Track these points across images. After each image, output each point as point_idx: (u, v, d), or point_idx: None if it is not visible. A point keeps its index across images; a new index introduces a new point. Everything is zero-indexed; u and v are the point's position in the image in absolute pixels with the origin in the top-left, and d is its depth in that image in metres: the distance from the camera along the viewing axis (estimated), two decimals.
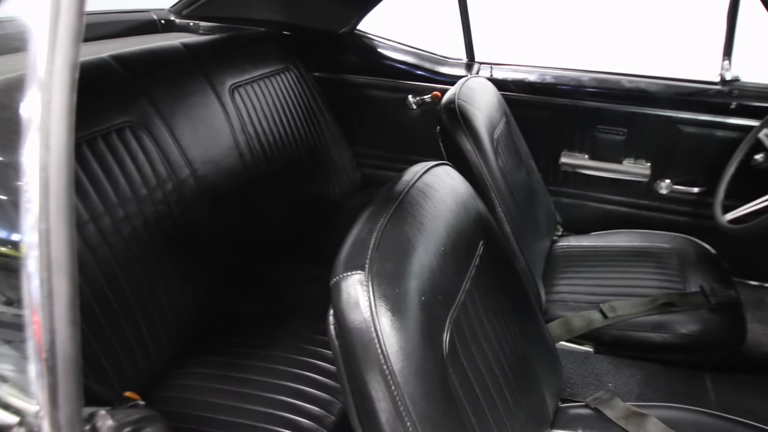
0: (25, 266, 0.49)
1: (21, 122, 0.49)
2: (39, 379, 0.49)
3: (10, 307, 0.64)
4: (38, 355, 0.49)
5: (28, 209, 0.48)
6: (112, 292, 1.18)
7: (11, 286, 0.66)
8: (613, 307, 1.50)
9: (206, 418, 1.13)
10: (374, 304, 0.65)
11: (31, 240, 0.48)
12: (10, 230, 0.68)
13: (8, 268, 0.67)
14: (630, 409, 1.15)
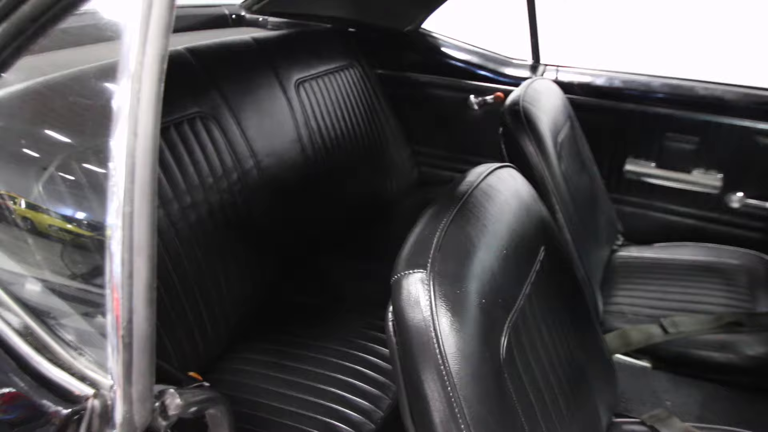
0: (108, 247, 0.51)
1: (110, 109, 0.52)
2: (115, 355, 0.52)
3: (87, 284, 0.68)
4: (116, 332, 0.51)
5: (113, 193, 0.51)
6: (176, 275, 1.23)
7: (88, 265, 0.70)
8: (675, 323, 1.44)
9: (258, 403, 1.16)
10: (434, 304, 0.65)
11: (115, 222, 0.51)
12: (91, 212, 0.72)
13: (86, 248, 0.71)
14: (689, 430, 1.10)
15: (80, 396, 0.55)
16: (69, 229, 0.75)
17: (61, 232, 0.74)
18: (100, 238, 0.58)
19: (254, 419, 1.12)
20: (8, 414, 0.61)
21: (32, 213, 0.78)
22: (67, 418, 0.54)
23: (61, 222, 0.77)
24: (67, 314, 0.69)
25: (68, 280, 0.73)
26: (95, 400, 0.54)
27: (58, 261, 0.75)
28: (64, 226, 0.75)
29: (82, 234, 0.71)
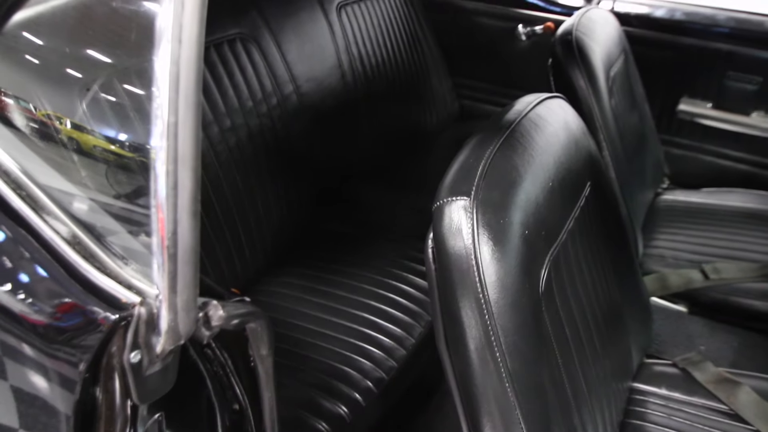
0: (152, 158, 0.51)
1: (154, 20, 0.50)
2: (160, 266, 0.53)
3: (132, 204, 0.68)
4: (161, 243, 0.52)
5: (158, 104, 0.50)
6: (215, 196, 1.24)
7: (133, 185, 0.70)
8: (717, 269, 1.41)
9: (293, 325, 1.19)
10: (477, 232, 0.63)
11: (159, 133, 0.50)
12: (134, 133, 0.72)
13: (131, 168, 0.71)
14: (722, 374, 1.09)
15: (127, 303, 0.57)
16: (113, 150, 0.75)
17: (105, 153, 0.74)
18: (143, 159, 0.58)
19: (289, 339, 1.16)
20: (64, 321, 0.64)
21: (77, 133, 0.79)
22: (115, 324, 0.56)
23: (105, 143, 0.77)
24: (113, 229, 0.70)
25: (114, 199, 0.74)
26: (141, 307, 0.56)
27: (103, 180, 0.76)
28: (109, 147, 0.75)
29: (126, 155, 0.72)
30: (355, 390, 1.04)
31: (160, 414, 0.67)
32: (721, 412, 1.03)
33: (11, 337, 0.68)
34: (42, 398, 0.68)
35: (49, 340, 0.65)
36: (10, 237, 0.65)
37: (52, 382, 0.66)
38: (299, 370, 1.09)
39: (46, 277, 0.62)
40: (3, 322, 0.65)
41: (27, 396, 0.70)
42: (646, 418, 1.03)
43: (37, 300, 0.64)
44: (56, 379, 0.65)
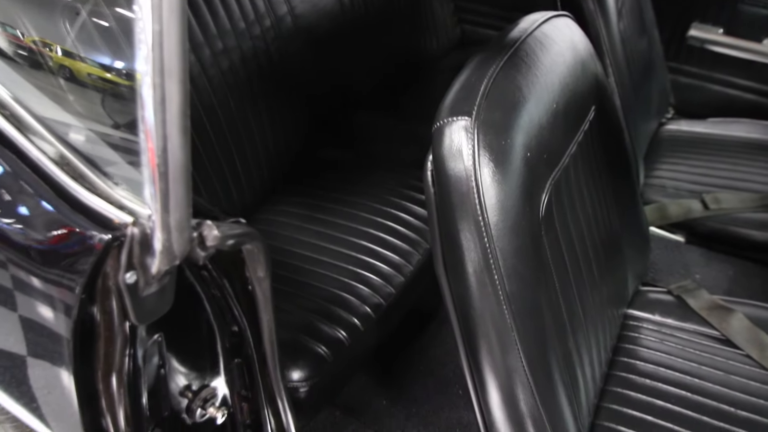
0: (138, 70, 0.48)
1: None
2: (151, 184, 0.51)
3: (125, 130, 0.66)
4: (150, 160, 0.50)
5: (140, 12, 0.47)
6: (209, 122, 1.21)
7: (125, 112, 0.68)
8: (717, 199, 1.40)
9: (292, 253, 1.19)
10: (477, 154, 0.62)
11: (144, 43, 0.47)
12: (124, 58, 0.68)
13: (123, 95, 0.68)
14: (716, 301, 1.10)
15: (120, 224, 0.56)
16: (103, 76, 0.72)
17: (96, 80, 0.71)
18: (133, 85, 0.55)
19: (288, 267, 1.16)
20: (56, 244, 0.63)
21: (69, 61, 0.75)
22: (108, 245, 0.55)
23: (96, 69, 0.74)
24: (103, 152, 0.68)
25: (105, 127, 0.72)
26: (134, 228, 0.55)
27: (95, 107, 0.73)
28: (100, 73, 0.72)
29: (118, 81, 0.68)
30: (353, 315, 1.06)
31: (159, 335, 0.67)
32: (713, 337, 1.05)
33: (7, 263, 0.68)
34: (45, 325, 0.69)
35: (43, 264, 0.65)
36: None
37: (52, 308, 0.66)
38: (299, 296, 1.09)
39: (35, 199, 0.61)
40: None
41: (32, 324, 0.71)
42: (639, 342, 1.05)
43: (26, 223, 0.63)
44: (55, 304, 0.65)
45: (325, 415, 1.18)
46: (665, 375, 0.98)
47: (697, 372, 0.98)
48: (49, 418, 0.83)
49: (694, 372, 0.98)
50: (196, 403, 0.78)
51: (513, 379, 0.71)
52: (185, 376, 0.77)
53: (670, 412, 0.92)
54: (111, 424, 0.70)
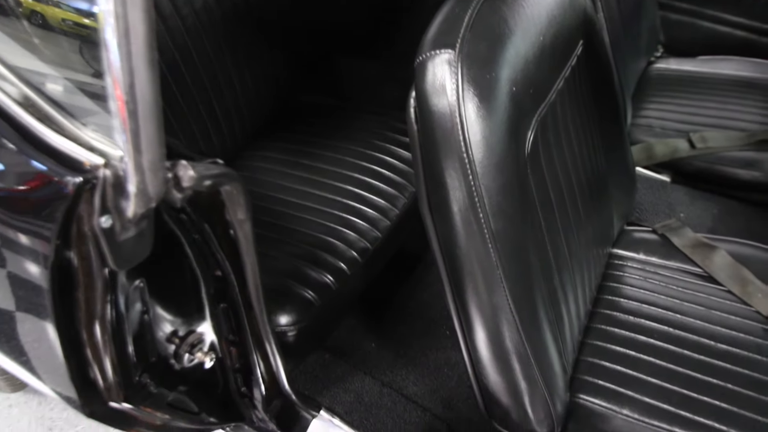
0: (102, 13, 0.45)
1: None
2: (120, 123, 0.49)
3: (94, 76, 0.63)
4: (118, 97, 0.48)
5: None
6: (185, 67, 1.16)
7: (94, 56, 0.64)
8: (704, 138, 1.39)
9: (276, 199, 1.17)
10: (461, 88, 0.59)
11: None
12: None
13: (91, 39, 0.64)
14: (699, 239, 1.11)
15: (91, 166, 0.54)
16: (79, 21, 0.68)
17: (71, 25, 0.67)
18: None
19: (272, 213, 1.14)
20: (26, 191, 0.61)
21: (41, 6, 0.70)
22: (79, 188, 0.53)
23: (71, 14, 0.69)
24: (76, 99, 0.65)
25: (80, 74, 0.68)
26: (106, 170, 0.53)
27: (71, 56, 0.69)
28: (75, 18, 0.68)
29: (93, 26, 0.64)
30: (340, 260, 1.05)
31: (140, 280, 0.66)
32: (696, 274, 1.06)
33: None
34: (27, 278, 0.67)
35: (16, 213, 0.63)
36: None
37: (32, 259, 0.64)
38: (284, 242, 1.09)
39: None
40: None
41: (16, 278, 0.69)
42: (623, 280, 1.06)
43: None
44: (33, 255, 0.64)
45: (315, 358, 1.20)
46: (648, 311, 1.00)
47: (679, 308, 1.00)
48: (39, 371, 0.83)
49: (676, 308, 1.00)
50: (184, 348, 0.78)
51: (499, 317, 0.71)
52: (171, 322, 0.77)
53: (652, 346, 0.94)
54: (98, 373, 0.70)
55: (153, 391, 0.79)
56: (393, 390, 1.15)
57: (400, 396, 1.14)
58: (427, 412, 1.12)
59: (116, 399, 0.75)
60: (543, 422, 0.81)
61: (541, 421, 0.81)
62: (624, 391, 0.89)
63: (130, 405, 0.77)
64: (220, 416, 0.95)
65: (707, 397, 0.87)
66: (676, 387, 0.88)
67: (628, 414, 0.86)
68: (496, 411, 0.86)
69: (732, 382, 0.88)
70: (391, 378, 1.18)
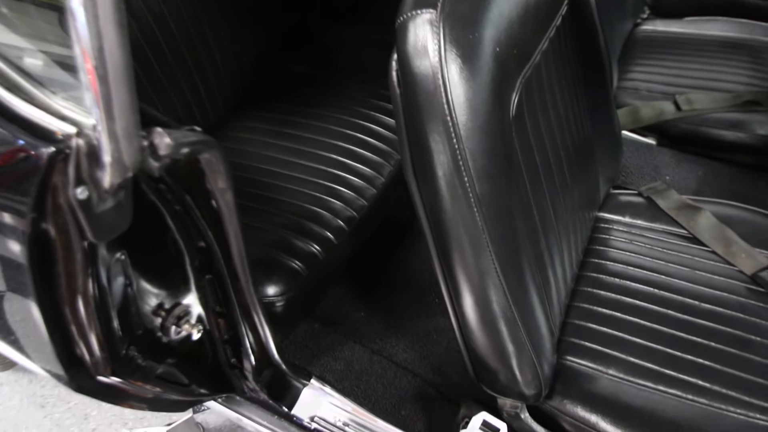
0: None
1: None
2: (90, 90, 0.47)
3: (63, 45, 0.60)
4: (86, 63, 0.46)
5: None
6: (163, 38, 1.13)
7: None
8: (689, 100, 1.39)
9: (261, 170, 1.16)
10: (444, 49, 0.58)
11: None
12: None
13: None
14: (684, 201, 1.12)
15: (63, 136, 0.52)
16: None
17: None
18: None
19: (257, 184, 1.13)
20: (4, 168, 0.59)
21: None
22: (52, 158, 0.52)
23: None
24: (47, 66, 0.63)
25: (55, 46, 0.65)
26: (79, 139, 0.51)
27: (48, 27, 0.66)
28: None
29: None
30: (326, 229, 1.05)
31: (121, 253, 0.65)
32: (681, 236, 1.07)
33: None
34: (9, 257, 0.66)
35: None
36: None
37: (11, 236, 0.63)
38: (270, 213, 1.07)
39: None
40: None
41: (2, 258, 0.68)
42: (609, 243, 1.07)
43: None
44: (12, 231, 0.62)
45: (304, 328, 1.20)
46: (634, 273, 1.00)
47: (664, 269, 1.01)
48: (27, 349, 0.82)
49: (661, 269, 1.01)
50: (170, 320, 0.78)
51: (485, 281, 0.71)
52: (156, 295, 0.76)
53: (638, 307, 0.95)
54: (84, 348, 0.70)
55: (141, 364, 0.78)
56: (383, 357, 1.16)
57: (390, 363, 1.15)
58: (417, 377, 1.13)
59: (104, 373, 0.74)
60: (530, 384, 0.82)
61: (528, 383, 0.82)
62: (610, 352, 0.90)
63: (119, 378, 0.76)
64: (210, 387, 0.96)
65: (691, 356, 0.88)
66: (661, 346, 0.90)
67: (614, 374, 0.88)
68: (484, 375, 0.87)
69: (716, 340, 0.89)
70: (380, 346, 1.18)
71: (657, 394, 0.85)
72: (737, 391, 0.83)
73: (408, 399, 1.09)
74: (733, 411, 0.82)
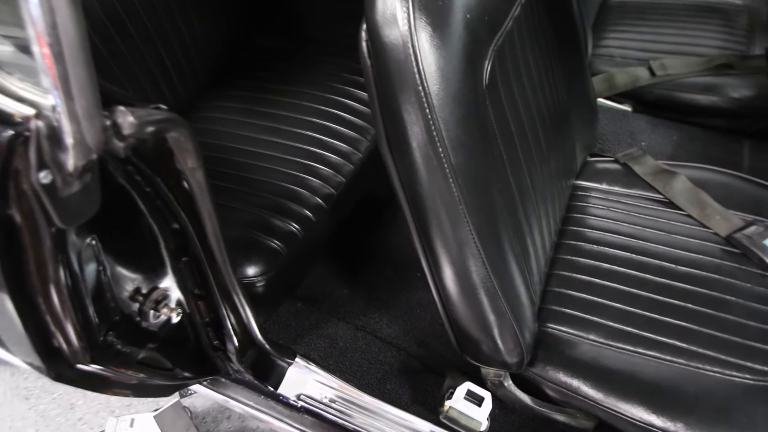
0: None
1: None
2: (46, 69, 0.45)
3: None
4: (40, 41, 0.44)
5: None
6: (128, 18, 1.09)
7: None
8: (663, 65, 1.39)
9: (236, 149, 1.14)
10: (413, 17, 0.57)
11: None
12: None
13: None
14: (660, 166, 1.13)
15: (21, 118, 0.50)
16: None
17: None
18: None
19: (233, 164, 1.11)
20: None
21: None
22: (11, 142, 0.50)
23: None
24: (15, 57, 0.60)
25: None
26: (38, 121, 0.49)
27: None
28: None
29: None
30: (305, 207, 1.04)
31: (92, 238, 0.64)
32: (657, 200, 1.08)
33: None
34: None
35: None
36: None
37: None
38: (247, 193, 1.06)
39: None
40: None
41: None
42: (587, 210, 1.07)
43: None
44: None
45: (287, 307, 1.20)
46: (611, 240, 1.01)
47: (641, 234, 1.02)
48: (7, 343, 0.80)
49: (638, 234, 1.02)
50: (148, 305, 0.77)
51: (464, 252, 0.71)
52: (132, 279, 0.75)
53: (616, 273, 0.96)
54: (60, 336, 0.68)
55: (121, 349, 0.77)
56: (367, 333, 1.16)
57: (374, 338, 1.16)
58: (402, 351, 1.14)
59: (83, 361, 0.73)
60: (513, 352, 0.83)
61: (510, 352, 0.83)
62: (590, 318, 0.91)
63: (99, 366, 0.75)
64: (195, 371, 0.95)
65: (669, 318, 0.89)
66: (639, 310, 0.91)
67: (594, 339, 0.89)
68: (467, 345, 0.88)
69: (692, 302, 0.91)
70: (364, 322, 1.19)
71: (636, 357, 0.86)
72: (714, 350, 0.85)
73: (393, 373, 1.10)
74: (710, 369, 0.84)
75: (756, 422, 0.78)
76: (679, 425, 0.80)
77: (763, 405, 0.80)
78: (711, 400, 0.81)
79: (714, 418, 0.79)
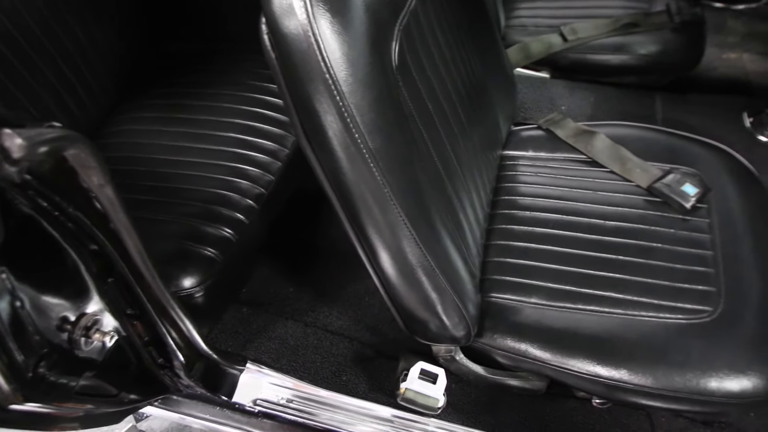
0: None
1: None
2: None
3: None
4: None
5: None
6: (14, 27, 1.02)
7: None
8: (574, 30, 1.43)
9: (156, 160, 1.10)
10: (310, 4, 0.56)
11: None
12: None
13: None
14: (580, 128, 1.16)
15: None
16: None
17: None
18: None
19: (155, 175, 1.07)
20: None
21: None
22: None
23: None
24: None
25: None
26: None
27: None
28: None
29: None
30: (236, 211, 1.01)
31: (1, 270, 0.60)
32: (581, 161, 1.11)
33: None
34: None
35: None
36: None
37: None
38: (174, 203, 1.02)
39: None
40: None
41: None
42: (516, 179, 1.10)
43: None
44: None
45: (232, 314, 1.17)
46: (542, 204, 1.04)
47: (570, 195, 1.05)
48: None
49: (567, 196, 1.05)
50: (77, 333, 0.73)
51: (397, 234, 0.71)
52: (56, 309, 0.71)
53: (550, 236, 0.99)
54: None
55: (56, 381, 0.73)
56: (317, 328, 1.16)
57: (325, 332, 1.15)
58: (354, 341, 1.14)
59: (16, 401, 0.69)
60: (459, 326, 0.84)
61: (456, 326, 0.84)
62: (530, 282, 0.93)
63: (36, 403, 0.71)
64: (142, 392, 0.92)
65: (603, 272, 0.93)
66: (575, 268, 0.94)
67: (535, 302, 0.91)
68: (415, 326, 0.88)
69: (623, 253, 0.95)
70: (313, 318, 1.18)
71: (577, 313, 0.89)
72: (647, 296, 0.89)
73: (347, 364, 1.10)
74: (645, 315, 0.87)
75: (692, 358, 0.83)
76: (623, 372, 0.83)
77: (696, 340, 0.84)
78: (649, 343, 0.85)
79: (653, 360, 0.83)
